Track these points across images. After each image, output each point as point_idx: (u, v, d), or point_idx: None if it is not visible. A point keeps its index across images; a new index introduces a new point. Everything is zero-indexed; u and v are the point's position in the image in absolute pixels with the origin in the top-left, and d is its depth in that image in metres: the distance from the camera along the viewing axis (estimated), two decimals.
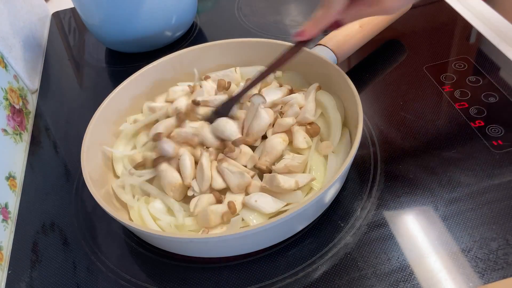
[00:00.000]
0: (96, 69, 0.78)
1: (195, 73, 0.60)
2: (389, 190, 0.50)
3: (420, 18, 0.74)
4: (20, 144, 0.63)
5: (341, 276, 0.43)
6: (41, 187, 0.58)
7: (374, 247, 0.45)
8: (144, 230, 0.42)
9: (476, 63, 0.63)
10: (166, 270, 0.47)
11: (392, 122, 0.57)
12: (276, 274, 0.45)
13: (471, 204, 0.47)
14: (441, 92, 0.60)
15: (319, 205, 0.46)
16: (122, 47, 0.77)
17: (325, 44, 0.59)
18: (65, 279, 0.48)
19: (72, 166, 0.60)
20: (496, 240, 0.44)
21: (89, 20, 0.74)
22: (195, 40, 0.80)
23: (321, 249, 0.46)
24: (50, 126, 0.68)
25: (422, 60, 0.66)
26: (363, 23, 0.62)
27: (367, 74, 0.65)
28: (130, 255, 0.49)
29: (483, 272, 0.42)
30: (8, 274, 0.49)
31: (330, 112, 0.52)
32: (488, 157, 0.51)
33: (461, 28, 0.71)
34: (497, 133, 0.54)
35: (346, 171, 0.44)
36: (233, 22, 0.82)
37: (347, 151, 0.49)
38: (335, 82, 0.54)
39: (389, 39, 0.71)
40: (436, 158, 0.52)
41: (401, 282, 0.42)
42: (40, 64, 0.80)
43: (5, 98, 0.63)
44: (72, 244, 0.51)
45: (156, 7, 0.70)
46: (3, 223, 0.52)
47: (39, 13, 0.88)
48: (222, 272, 0.46)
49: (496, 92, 0.59)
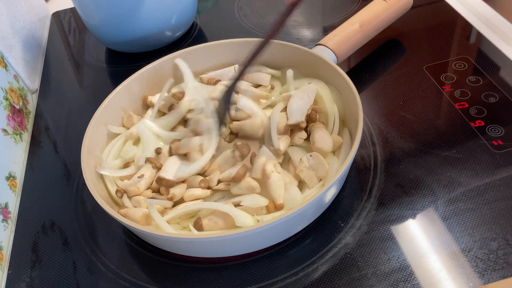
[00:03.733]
0: (96, 69, 0.78)
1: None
2: (389, 190, 0.50)
3: (420, 18, 0.74)
4: (20, 144, 0.63)
5: (341, 276, 0.43)
6: (41, 187, 0.58)
7: (374, 247, 0.45)
8: (144, 230, 0.42)
9: (476, 63, 0.63)
10: (166, 270, 0.47)
11: (392, 122, 0.57)
12: (276, 274, 0.45)
13: (471, 204, 0.47)
14: (441, 92, 0.60)
15: (319, 205, 0.46)
16: (122, 47, 0.77)
17: (325, 44, 0.59)
18: (65, 279, 0.48)
19: (72, 166, 0.60)
20: (496, 240, 0.44)
21: (89, 20, 0.74)
22: (195, 40, 0.80)
23: (321, 249, 0.46)
24: (50, 126, 0.68)
25: (422, 60, 0.66)
26: (363, 23, 0.62)
27: (367, 74, 0.65)
28: (130, 255, 0.49)
29: (483, 272, 0.42)
30: (8, 274, 0.49)
31: (326, 104, 0.53)
32: (488, 157, 0.51)
33: (461, 28, 0.71)
34: (497, 133, 0.54)
35: (346, 171, 0.44)
36: (233, 22, 0.82)
37: (347, 151, 0.50)
38: (335, 82, 0.54)
39: (389, 39, 0.71)
40: (436, 158, 0.52)
41: (401, 282, 0.42)
42: (40, 64, 0.80)
43: (5, 98, 0.63)
44: (72, 244, 0.51)
45: (156, 7, 0.70)
46: (3, 223, 0.52)
47: (39, 13, 0.88)
48: (222, 272, 0.46)
49: (496, 92, 0.59)
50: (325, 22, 0.78)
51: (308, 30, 0.77)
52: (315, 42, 0.61)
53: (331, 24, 0.77)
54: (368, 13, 0.63)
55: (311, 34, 0.76)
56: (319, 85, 0.55)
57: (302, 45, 0.58)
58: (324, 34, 0.63)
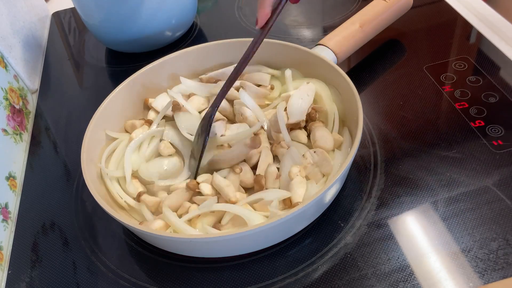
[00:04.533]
0: (96, 69, 0.78)
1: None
2: (389, 190, 0.50)
3: (420, 18, 0.74)
4: (20, 144, 0.63)
5: (341, 276, 0.43)
6: (41, 187, 0.58)
7: (374, 247, 0.45)
8: (144, 230, 0.42)
9: (476, 63, 0.63)
10: (166, 270, 0.47)
11: (392, 122, 0.57)
12: (276, 274, 0.45)
13: (471, 204, 0.47)
14: (441, 92, 0.60)
15: (319, 205, 0.46)
16: (122, 47, 0.77)
17: (325, 44, 0.59)
18: (65, 279, 0.48)
19: (72, 166, 0.60)
20: (496, 240, 0.44)
21: (89, 20, 0.74)
22: (195, 40, 0.80)
23: (321, 249, 0.46)
24: (50, 126, 0.68)
25: (422, 60, 0.66)
26: (363, 23, 0.62)
27: (367, 74, 0.65)
28: (130, 255, 0.49)
29: (483, 272, 0.42)
30: (8, 274, 0.49)
31: (326, 103, 0.53)
32: (488, 157, 0.51)
33: (461, 28, 0.71)
34: (497, 133, 0.54)
35: (346, 171, 0.44)
36: (233, 22, 0.82)
37: (347, 151, 0.50)
38: (335, 82, 0.54)
39: (389, 39, 0.71)
40: (436, 158, 0.52)
41: (401, 282, 0.42)
42: (40, 64, 0.80)
43: (5, 98, 0.63)
44: (72, 244, 0.51)
45: (156, 7, 0.70)
46: (3, 223, 0.52)
47: (39, 13, 0.88)
48: (222, 272, 0.46)
49: (496, 92, 0.59)
50: (325, 22, 0.79)
51: (308, 30, 0.77)
52: (315, 42, 0.61)
53: (331, 24, 0.77)
54: (368, 13, 0.63)
55: (311, 34, 0.76)
56: (318, 84, 0.55)
57: (302, 45, 0.58)
58: (324, 34, 0.63)
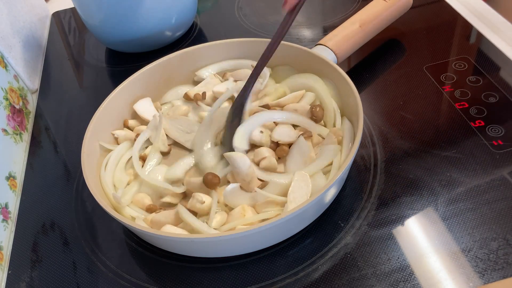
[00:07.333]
0: (96, 69, 0.78)
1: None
2: (389, 190, 0.50)
3: (420, 18, 0.74)
4: (20, 144, 0.63)
5: (341, 276, 0.43)
6: (41, 187, 0.58)
7: (374, 247, 0.45)
8: (144, 230, 0.42)
9: (476, 63, 0.63)
10: (166, 270, 0.47)
11: (392, 122, 0.57)
12: (276, 274, 0.45)
13: (471, 204, 0.47)
14: (441, 92, 0.60)
15: (319, 205, 0.46)
16: (122, 47, 0.77)
17: (325, 44, 0.59)
18: (65, 279, 0.48)
19: (72, 166, 0.60)
20: (496, 240, 0.44)
21: (89, 20, 0.74)
22: (195, 40, 0.80)
23: (321, 249, 0.46)
24: (50, 126, 0.68)
25: (422, 60, 0.66)
26: (363, 23, 0.62)
27: (367, 74, 0.65)
28: (130, 255, 0.49)
29: (483, 272, 0.42)
30: (8, 274, 0.49)
31: (324, 99, 0.54)
32: (488, 157, 0.51)
33: (461, 28, 0.71)
34: (497, 133, 0.54)
35: (346, 171, 0.44)
36: (233, 22, 0.82)
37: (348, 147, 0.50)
38: (335, 82, 0.54)
39: (389, 39, 0.71)
40: (436, 158, 0.52)
41: (401, 282, 0.42)
42: (40, 64, 0.80)
43: (5, 98, 0.63)
44: (72, 244, 0.51)
45: (156, 7, 0.70)
46: (3, 223, 0.52)
47: (39, 13, 0.88)
48: (222, 272, 0.46)
49: (496, 92, 0.59)
50: (325, 22, 0.78)
51: (308, 30, 0.77)
52: (315, 42, 0.61)
53: (331, 24, 0.77)
54: (368, 13, 0.63)
55: (311, 34, 0.76)
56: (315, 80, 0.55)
57: (302, 45, 0.58)
58: (324, 34, 0.63)
